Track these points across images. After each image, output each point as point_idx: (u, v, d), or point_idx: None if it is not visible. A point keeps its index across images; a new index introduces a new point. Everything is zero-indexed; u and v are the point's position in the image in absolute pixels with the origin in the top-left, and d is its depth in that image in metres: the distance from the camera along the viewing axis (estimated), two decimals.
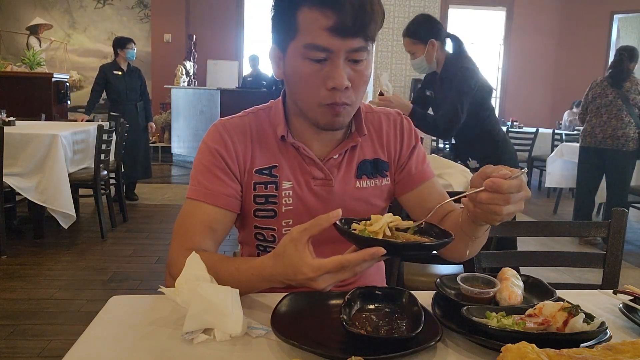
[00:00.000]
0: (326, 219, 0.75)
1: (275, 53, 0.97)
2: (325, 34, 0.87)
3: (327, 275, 0.75)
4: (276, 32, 0.95)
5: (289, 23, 0.90)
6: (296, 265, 0.75)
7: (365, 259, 0.72)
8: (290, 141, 1.01)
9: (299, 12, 0.88)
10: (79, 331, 0.79)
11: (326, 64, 0.89)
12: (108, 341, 0.76)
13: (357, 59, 0.91)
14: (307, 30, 0.88)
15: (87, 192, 4.09)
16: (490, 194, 0.77)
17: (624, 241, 1.31)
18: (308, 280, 0.75)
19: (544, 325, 0.75)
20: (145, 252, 3.62)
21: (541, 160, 6.40)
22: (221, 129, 1.02)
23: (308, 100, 0.94)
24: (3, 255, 3.34)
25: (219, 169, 0.99)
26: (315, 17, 0.87)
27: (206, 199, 0.98)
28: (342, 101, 0.92)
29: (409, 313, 0.82)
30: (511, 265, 1.11)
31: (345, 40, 0.87)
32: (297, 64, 0.91)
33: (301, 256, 0.75)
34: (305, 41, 0.88)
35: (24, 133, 3.44)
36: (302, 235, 0.76)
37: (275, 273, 0.81)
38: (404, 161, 1.09)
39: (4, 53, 7.96)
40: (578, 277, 3.32)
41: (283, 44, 0.93)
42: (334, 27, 0.86)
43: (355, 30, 0.87)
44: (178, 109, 7.60)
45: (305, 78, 0.91)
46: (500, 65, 9.59)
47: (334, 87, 0.89)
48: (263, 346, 0.76)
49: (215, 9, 8.62)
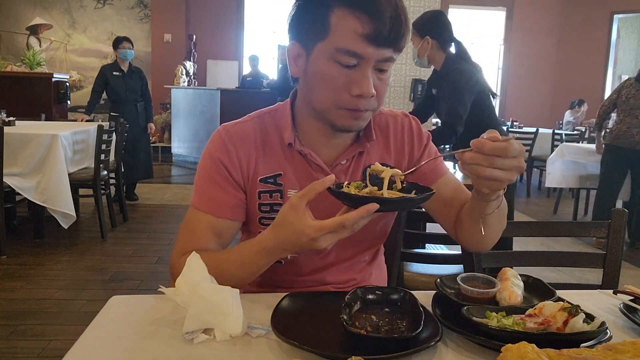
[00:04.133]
0: (320, 184, 0.80)
1: (295, 50, 0.94)
2: (360, 40, 0.85)
3: (329, 235, 0.79)
4: (300, 30, 0.92)
5: (319, 23, 0.87)
6: (299, 228, 0.79)
7: (363, 215, 0.77)
8: (297, 148, 0.99)
9: (331, 12, 0.86)
10: (79, 331, 0.79)
11: (355, 70, 0.88)
12: (108, 341, 0.76)
13: (384, 69, 0.90)
14: (340, 33, 0.86)
15: (87, 192, 4.08)
16: (474, 154, 0.76)
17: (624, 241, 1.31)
18: (311, 241, 0.79)
19: (544, 325, 0.75)
20: (145, 252, 3.61)
21: (541, 160, 6.40)
22: (224, 136, 1.00)
23: (328, 102, 0.91)
24: (3, 255, 3.34)
25: (222, 178, 0.98)
26: (351, 21, 0.84)
27: (210, 210, 0.97)
28: (364, 108, 0.91)
29: (409, 313, 0.82)
30: (511, 265, 1.11)
31: (379, 49, 0.86)
32: (323, 65, 0.89)
33: (302, 219, 0.79)
34: (337, 44, 0.86)
35: (24, 133, 3.44)
36: (301, 201, 0.80)
37: (278, 242, 0.84)
38: (416, 162, 1.07)
39: (4, 53, 7.96)
40: (578, 277, 3.33)
41: (308, 42, 0.91)
42: (371, 34, 0.84)
43: (390, 40, 0.86)
44: (178, 109, 7.60)
45: (330, 80, 0.89)
46: (500, 65, 9.60)
47: (360, 94, 0.88)
48: (263, 346, 0.76)
49: (215, 9, 8.62)
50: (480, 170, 0.76)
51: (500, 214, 0.94)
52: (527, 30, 9.32)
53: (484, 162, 0.76)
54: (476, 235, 0.97)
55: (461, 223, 1.01)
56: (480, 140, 0.76)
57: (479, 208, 0.89)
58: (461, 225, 1.01)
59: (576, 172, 4.87)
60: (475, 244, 1.03)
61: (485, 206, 0.88)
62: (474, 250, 1.09)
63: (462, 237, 1.03)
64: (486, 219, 0.91)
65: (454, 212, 1.03)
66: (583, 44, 9.08)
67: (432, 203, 1.06)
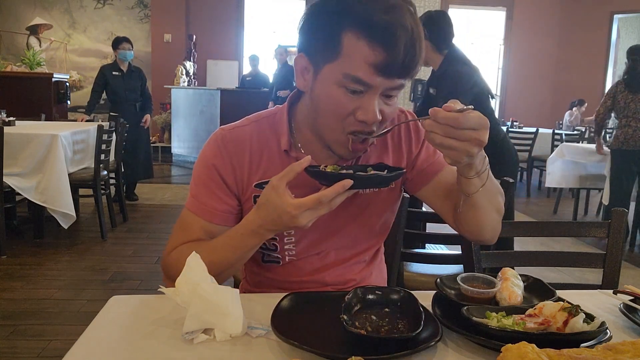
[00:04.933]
0: (298, 164, 0.83)
1: (304, 64, 0.92)
2: (371, 70, 0.83)
3: (308, 212, 0.82)
4: (311, 45, 0.89)
5: (332, 43, 0.85)
6: (280, 206, 0.82)
7: (338, 191, 0.80)
8: (294, 155, 0.98)
9: (344, 34, 0.83)
10: (79, 331, 0.79)
11: (361, 96, 0.86)
12: (108, 341, 0.76)
13: (392, 95, 0.89)
14: (350, 58, 0.83)
15: (87, 192, 4.09)
16: (430, 122, 0.77)
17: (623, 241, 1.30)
18: (292, 218, 0.82)
19: (544, 325, 0.75)
20: (145, 252, 3.61)
21: (541, 160, 6.40)
22: (220, 142, 0.99)
23: (331, 124, 0.91)
24: (3, 255, 3.34)
25: (215, 185, 0.98)
26: (363, 48, 0.82)
27: (202, 214, 0.98)
28: (368, 130, 0.90)
29: (409, 313, 0.82)
30: (511, 265, 1.11)
31: (389, 79, 0.85)
32: (331, 88, 0.87)
33: (282, 199, 0.82)
34: (346, 70, 0.84)
35: (24, 133, 3.44)
36: (281, 182, 0.83)
37: (262, 222, 0.87)
38: (414, 158, 1.06)
39: (4, 53, 7.96)
40: (578, 277, 3.32)
41: (317, 60, 0.88)
42: (382, 65, 0.82)
43: (402, 72, 0.84)
44: (178, 109, 7.60)
45: (336, 104, 0.88)
46: (500, 65, 9.59)
47: (365, 121, 0.87)
48: (263, 346, 0.76)
49: (215, 9, 8.62)
50: (436, 138, 0.77)
51: (489, 194, 0.94)
52: (527, 30, 9.32)
53: (439, 130, 0.77)
54: (471, 220, 0.97)
55: (456, 210, 1.00)
56: (436, 109, 0.77)
57: (461, 186, 0.90)
58: (457, 213, 1.00)
59: (576, 172, 4.87)
60: (474, 231, 1.01)
61: (466, 184, 0.88)
62: (477, 241, 1.08)
63: (459, 225, 1.01)
64: (472, 199, 0.91)
65: (453, 203, 1.03)
66: (583, 44, 9.08)
67: (433, 196, 1.06)
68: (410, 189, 1.10)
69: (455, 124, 0.75)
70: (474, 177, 0.86)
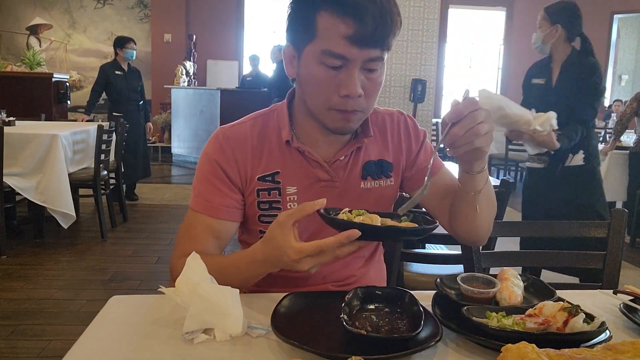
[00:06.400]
0: (310, 206, 0.80)
1: (289, 52, 0.96)
2: (344, 42, 0.86)
3: (309, 258, 0.79)
4: (292, 32, 0.94)
5: (307, 25, 0.89)
6: (281, 247, 0.80)
7: (342, 241, 0.76)
8: (295, 145, 1.00)
9: (318, 15, 0.87)
10: (79, 331, 0.79)
11: (341, 71, 0.89)
12: (108, 341, 0.76)
13: (372, 68, 0.90)
14: (325, 35, 0.87)
15: (87, 192, 4.08)
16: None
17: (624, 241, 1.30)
18: (292, 262, 0.79)
19: (544, 325, 0.75)
20: (145, 252, 3.61)
21: None
22: (221, 138, 1.01)
23: (319, 104, 0.93)
24: (3, 255, 3.34)
25: (219, 180, 0.99)
26: (335, 24, 0.86)
27: (207, 211, 0.99)
28: (353, 108, 0.92)
29: (409, 313, 0.82)
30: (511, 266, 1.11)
31: (363, 49, 0.87)
32: (312, 67, 0.90)
33: (286, 239, 0.79)
34: (323, 47, 0.88)
35: (24, 133, 3.44)
36: (288, 220, 0.80)
37: (266, 256, 0.85)
38: (414, 158, 1.09)
39: (4, 53, 7.96)
40: None
41: (299, 44, 0.93)
42: (354, 36, 0.85)
43: (375, 40, 0.86)
44: (178, 109, 7.60)
45: (319, 82, 0.91)
46: (500, 65, 9.59)
47: (347, 95, 0.89)
48: (263, 346, 0.76)
49: (215, 9, 8.62)
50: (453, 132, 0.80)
51: (489, 194, 0.96)
52: (527, 30, 9.29)
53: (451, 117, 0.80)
54: (469, 220, 0.98)
55: (454, 210, 1.01)
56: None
57: (468, 184, 0.91)
58: (454, 214, 1.02)
59: None
60: (469, 231, 1.03)
61: (472, 180, 0.90)
62: (470, 242, 1.09)
63: (456, 226, 1.03)
64: (477, 198, 0.93)
65: (448, 204, 1.04)
66: None
67: (428, 200, 1.08)
68: (408, 188, 1.12)
69: (454, 116, 0.79)
70: (479, 173, 0.89)
